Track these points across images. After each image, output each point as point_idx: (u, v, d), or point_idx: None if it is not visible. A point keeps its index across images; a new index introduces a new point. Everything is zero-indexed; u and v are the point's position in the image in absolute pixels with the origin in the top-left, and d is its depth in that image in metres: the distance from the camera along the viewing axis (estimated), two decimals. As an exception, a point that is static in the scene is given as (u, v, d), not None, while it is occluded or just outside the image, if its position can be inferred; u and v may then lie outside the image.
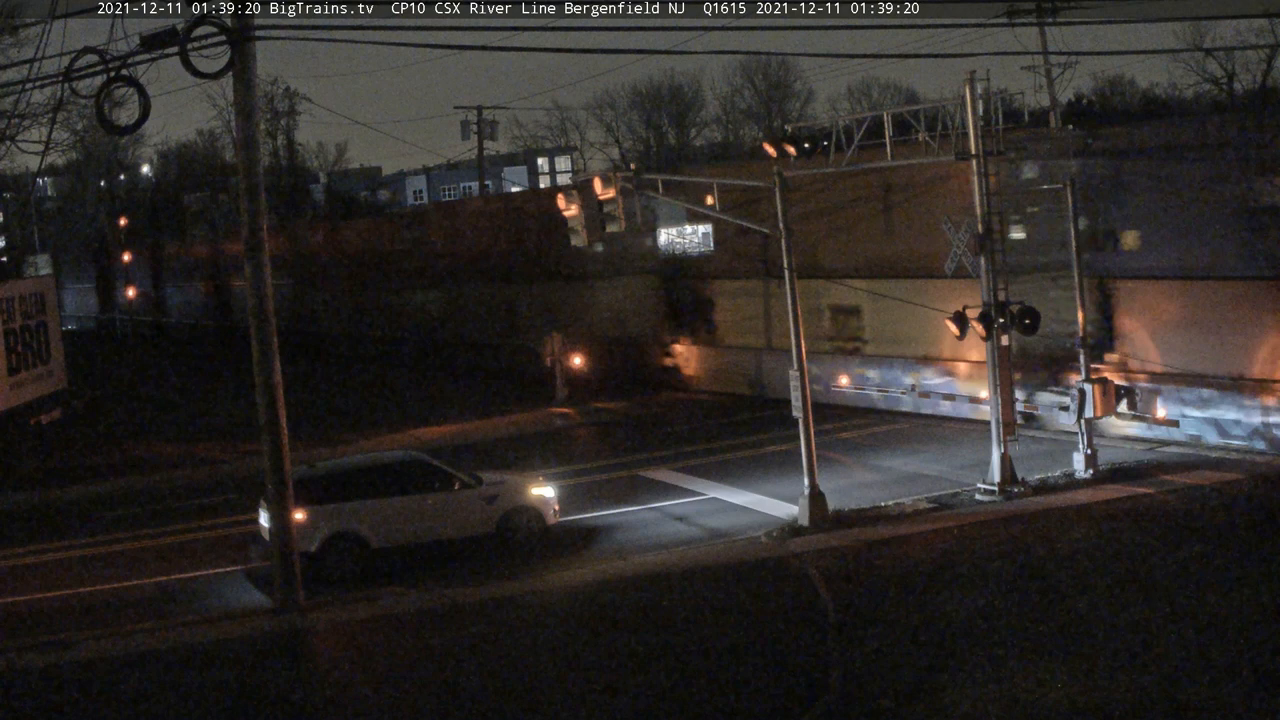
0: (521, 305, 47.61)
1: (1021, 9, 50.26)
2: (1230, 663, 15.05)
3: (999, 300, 24.19)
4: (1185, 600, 17.40)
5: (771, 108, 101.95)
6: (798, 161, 25.80)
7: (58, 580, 23.89)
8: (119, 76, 18.88)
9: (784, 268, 23.93)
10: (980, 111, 24.08)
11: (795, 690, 15.76)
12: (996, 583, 18.94)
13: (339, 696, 17.20)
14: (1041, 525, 21.87)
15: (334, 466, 24.85)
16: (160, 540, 26.37)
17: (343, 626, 19.99)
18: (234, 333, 64.12)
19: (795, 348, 23.83)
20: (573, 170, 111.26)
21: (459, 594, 20.96)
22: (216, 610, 21.44)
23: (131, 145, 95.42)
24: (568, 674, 17.01)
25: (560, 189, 30.33)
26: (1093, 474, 24.83)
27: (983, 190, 24.22)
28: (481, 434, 35.67)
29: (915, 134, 25.32)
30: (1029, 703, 14.58)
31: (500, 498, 23.57)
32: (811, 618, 18.37)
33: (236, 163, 21.32)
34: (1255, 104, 67.09)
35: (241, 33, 19.58)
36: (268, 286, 20.62)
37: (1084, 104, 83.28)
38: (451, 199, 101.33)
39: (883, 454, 29.24)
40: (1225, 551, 19.40)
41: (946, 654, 16.25)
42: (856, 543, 21.91)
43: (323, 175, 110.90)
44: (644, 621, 18.77)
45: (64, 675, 18.43)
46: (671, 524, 24.80)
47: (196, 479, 32.53)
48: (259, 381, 20.78)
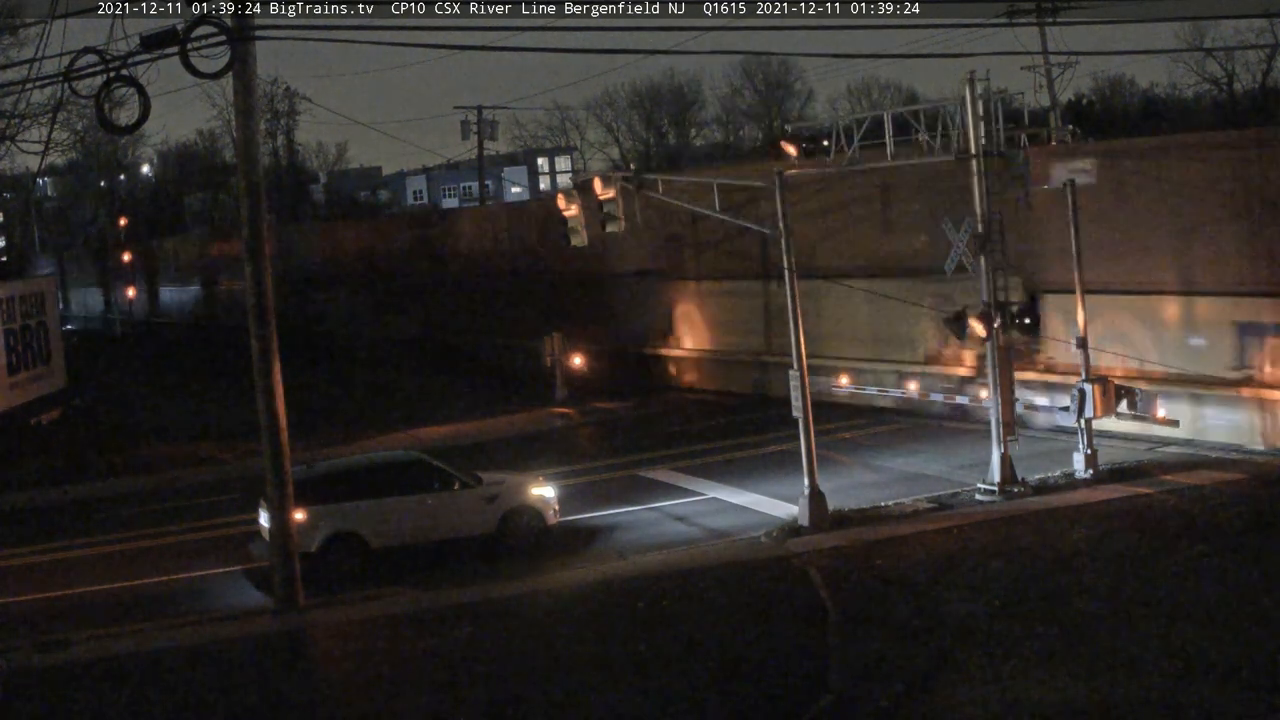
0: (521, 305, 47.62)
1: (1021, 9, 50.33)
2: (1230, 663, 15.04)
3: (998, 300, 24.18)
4: (1185, 601, 17.39)
5: (771, 108, 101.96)
6: (798, 161, 25.80)
7: (58, 580, 23.88)
8: (119, 76, 18.88)
9: (784, 267, 23.91)
10: (980, 111, 24.08)
11: (795, 690, 15.75)
12: (996, 583, 18.94)
13: (339, 696, 17.20)
14: (1041, 525, 21.86)
15: (334, 467, 24.86)
16: (160, 540, 26.37)
17: (343, 626, 19.98)
18: (235, 333, 64.09)
19: (795, 347, 23.82)
20: (573, 170, 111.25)
21: (459, 594, 20.95)
22: (216, 610, 21.44)
23: (131, 145, 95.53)
24: (568, 674, 17.00)
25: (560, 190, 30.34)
26: (1093, 474, 24.82)
27: (983, 190, 24.22)
28: (481, 434, 35.67)
29: (915, 134, 25.32)
30: (1029, 703, 14.57)
31: (500, 498, 23.56)
32: (811, 618, 18.36)
33: (236, 163, 21.32)
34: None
35: (241, 33, 19.58)
36: (268, 286, 20.62)
37: (1084, 104, 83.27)
38: (455, 207, 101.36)
39: (883, 454, 29.24)
40: (1225, 551, 19.40)
41: (946, 654, 16.25)
42: (856, 543, 21.90)
43: (323, 175, 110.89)
44: (644, 622, 18.76)
45: (64, 675, 18.42)
46: (671, 524, 24.80)
47: (196, 479, 32.52)
48: (259, 382, 20.78)
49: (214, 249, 73.51)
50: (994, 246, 24.21)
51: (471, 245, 52.18)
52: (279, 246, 59.96)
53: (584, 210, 26.11)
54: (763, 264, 35.42)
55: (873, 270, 33.30)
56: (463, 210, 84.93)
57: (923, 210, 31.17)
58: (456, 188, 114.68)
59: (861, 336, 34.17)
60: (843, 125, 26.20)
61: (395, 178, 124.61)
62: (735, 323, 38.90)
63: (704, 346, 40.43)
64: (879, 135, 25.96)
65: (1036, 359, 29.88)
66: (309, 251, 63.52)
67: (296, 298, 60.41)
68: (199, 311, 75.45)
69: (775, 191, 23.82)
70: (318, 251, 63.53)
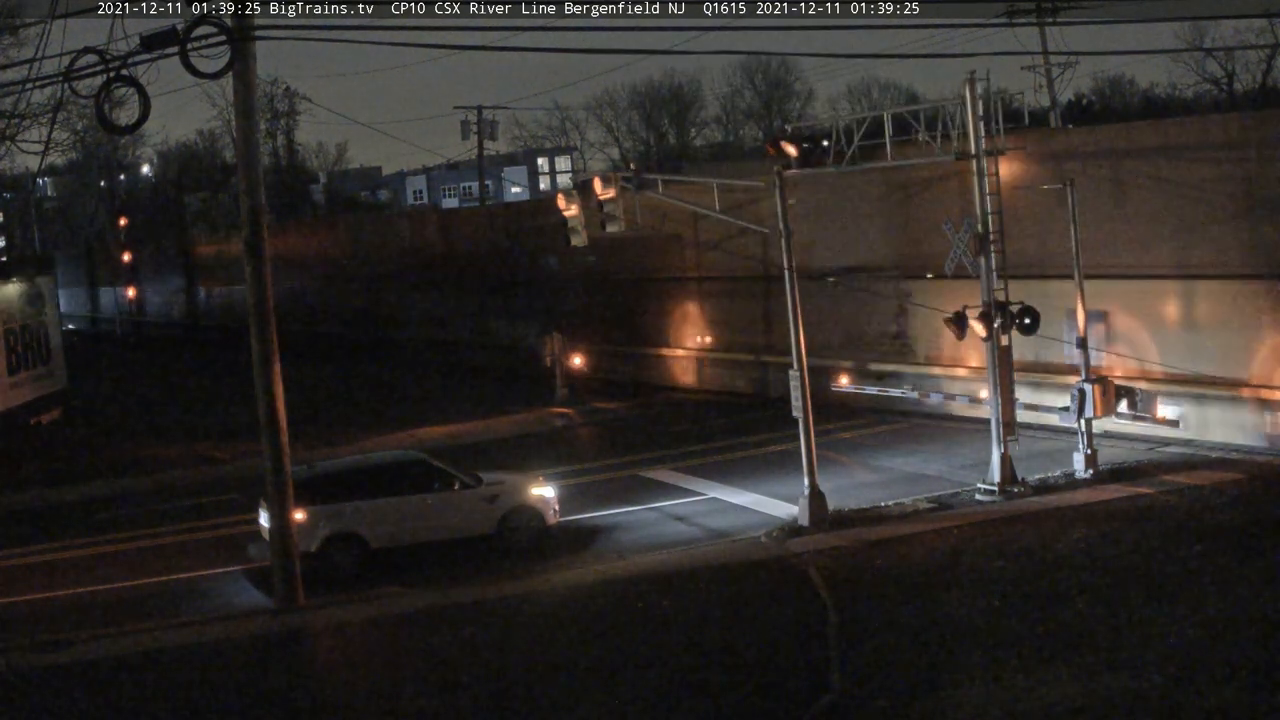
0: (521, 305, 47.62)
1: (1021, 9, 50.34)
2: (1230, 663, 15.04)
3: (999, 300, 24.18)
4: (1185, 600, 17.38)
5: (771, 108, 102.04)
6: (798, 161, 25.79)
7: (58, 580, 23.89)
8: (119, 76, 18.88)
9: (784, 267, 23.92)
10: (980, 111, 24.09)
11: (795, 690, 15.75)
12: (997, 583, 18.93)
13: (339, 696, 17.20)
14: (1042, 525, 21.85)
15: (334, 467, 24.86)
16: (160, 540, 26.38)
17: (343, 626, 19.98)
18: (236, 333, 64.01)
19: (795, 347, 23.82)
20: (573, 170, 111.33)
21: (458, 594, 20.95)
22: (216, 610, 21.44)
23: (131, 145, 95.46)
24: (568, 674, 17.00)
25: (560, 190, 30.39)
26: (1093, 474, 24.82)
27: (983, 190, 24.23)
28: (481, 434, 35.66)
29: (915, 134, 25.32)
30: (1029, 703, 14.57)
31: (500, 498, 23.57)
32: (811, 618, 18.36)
33: (236, 163, 21.33)
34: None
35: (241, 33, 19.59)
36: (268, 286, 20.63)
37: (1084, 104, 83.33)
38: (453, 207, 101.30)
39: (883, 454, 29.25)
40: (1225, 551, 19.39)
41: (946, 654, 16.24)
42: (857, 543, 21.91)
43: (323, 175, 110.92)
44: (644, 622, 18.76)
45: (64, 675, 18.42)
46: (671, 524, 24.80)
47: (196, 479, 32.51)
48: (259, 382, 20.79)
49: (213, 249, 73.32)
50: (994, 246, 24.22)
51: (472, 245, 52.17)
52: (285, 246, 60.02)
53: (584, 210, 26.15)
54: (763, 264, 35.41)
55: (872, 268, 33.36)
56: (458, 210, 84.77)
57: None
58: (456, 188, 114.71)
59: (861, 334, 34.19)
60: (843, 125, 26.21)
61: (395, 178, 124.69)
62: (735, 322, 38.88)
63: (704, 346, 40.41)
64: (879, 135, 25.97)
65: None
66: (308, 251, 63.42)
67: (295, 298, 60.37)
68: (201, 311, 74.94)
69: (776, 191, 23.85)
70: (316, 251, 63.41)
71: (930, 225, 28.55)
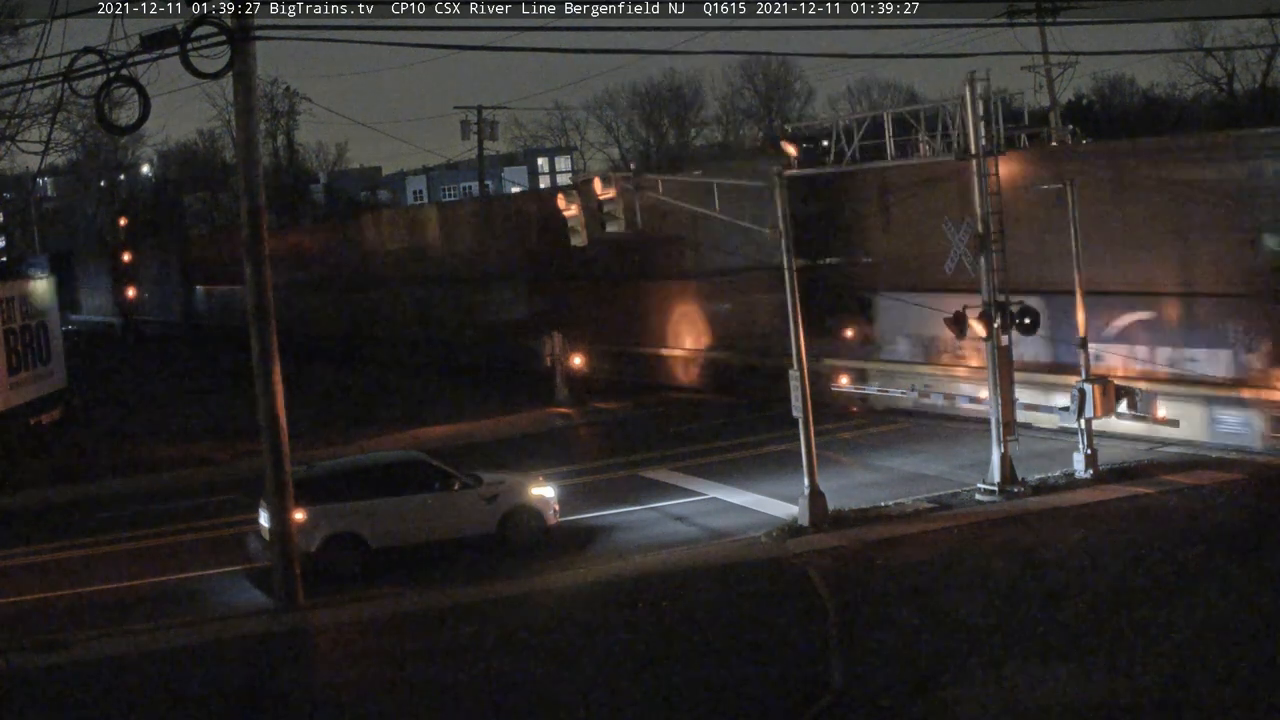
0: (521, 305, 47.60)
1: (1021, 9, 50.25)
2: (1230, 663, 15.04)
3: (998, 300, 24.18)
4: (1185, 600, 17.39)
5: (771, 108, 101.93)
6: (798, 161, 25.79)
7: (58, 580, 23.88)
8: (119, 76, 18.90)
9: (784, 267, 23.90)
10: (980, 111, 24.07)
11: (795, 690, 15.75)
12: (997, 583, 18.94)
13: (339, 696, 17.19)
14: (1041, 525, 21.86)
15: (333, 467, 24.85)
16: (160, 540, 26.37)
17: (343, 626, 19.99)
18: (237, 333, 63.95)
19: (795, 347, 23.81)
20: (573, 170, 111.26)
21: (458, 594, 20.95)
22: (216, 610, 21.44)
23: (131, 145, 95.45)
24: (568, 674, 17.00)
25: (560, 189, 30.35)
26: (1093, 474, 24.81)
27: (983, 190, 24.21)
28: (481, 434, 35.65)
29: (915, 134, 25.29)
30: (1029, 703, 14.58)
31: (500, 498, 23.56)
32: (811, 618, 18.36)
33: (236, 163, 21.33)
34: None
35: (241, 33, 19.58)
36: (268, 286, 20.62)
37: (1084, 104, 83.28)
38: (451, 200, 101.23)
39: (883, 454, 29.24)
40: (1225, 551, 19.39)
41: (946, 654, 16.25)
42: (856, 543, 21.90)
43: (323, 175, 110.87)
44: (644, 622, 18.76)
45: (64, 675, 18.42)
46: (671, 524, 24.80)
47: (196, 479, 32.51)
48: (259, 382, 20.78)
49: (214, 249, 73.31)
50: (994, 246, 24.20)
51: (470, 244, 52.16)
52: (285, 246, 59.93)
53: (584, 210, 26.12)
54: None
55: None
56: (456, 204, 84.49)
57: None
58: (456, 188, 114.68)
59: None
60: (843, 125, 26.20)
61: (395, 178, 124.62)
62: (735, 322, 38.85)
63: (704, 346, 40.38)
64: (879, 135, 25.95)
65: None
66: (307, 251, 63.37)
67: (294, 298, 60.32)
68: (202, 311, 74.96)
69: (775, 191, 23.83)
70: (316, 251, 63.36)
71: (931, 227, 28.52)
